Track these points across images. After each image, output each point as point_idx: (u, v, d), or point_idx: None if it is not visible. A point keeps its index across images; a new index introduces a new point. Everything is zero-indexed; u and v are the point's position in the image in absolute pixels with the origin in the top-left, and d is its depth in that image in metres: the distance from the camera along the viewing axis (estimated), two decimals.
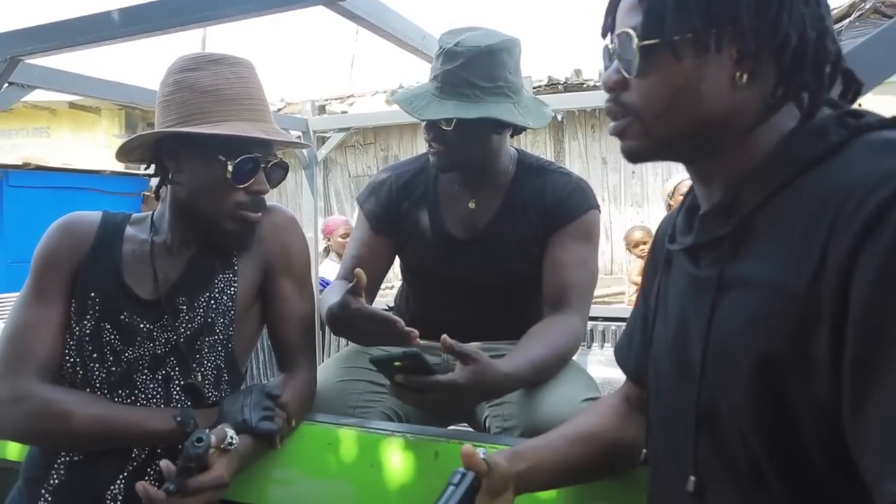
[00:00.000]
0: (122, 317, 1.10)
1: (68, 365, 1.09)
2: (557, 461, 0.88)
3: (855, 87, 0.69)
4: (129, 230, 1.18)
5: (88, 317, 1.10)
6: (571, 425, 0.95)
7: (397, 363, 1.05)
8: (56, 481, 1.05)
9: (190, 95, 1.07)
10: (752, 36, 0.63)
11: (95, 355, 1.08)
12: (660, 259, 0.85)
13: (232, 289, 1.17)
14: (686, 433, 0.70)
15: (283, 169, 1.17)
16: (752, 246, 0.65)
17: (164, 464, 0.95)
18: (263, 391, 1.10)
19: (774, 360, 0.59)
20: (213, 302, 1.15)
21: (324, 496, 1.15)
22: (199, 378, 1.14)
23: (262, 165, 1.11)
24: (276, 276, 1.22)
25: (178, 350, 1.11)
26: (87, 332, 1.09)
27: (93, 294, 1.10)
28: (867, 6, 4.48)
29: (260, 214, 1.15)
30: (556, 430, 0.94)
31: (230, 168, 1.07)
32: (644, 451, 0.84)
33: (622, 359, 0.96)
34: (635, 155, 0.73)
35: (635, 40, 0.67)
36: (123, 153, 1.14)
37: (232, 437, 1.00)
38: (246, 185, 1.10)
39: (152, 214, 1.20)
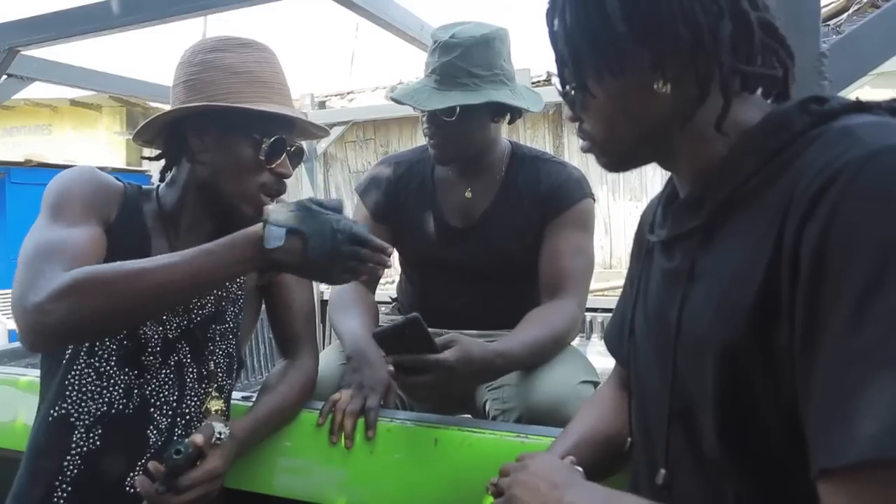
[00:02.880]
0: None
1: None
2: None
3: (782, 57, 0.67)
4: (145, 206, 1.14)
5: None
6: (583, 428, 0.92)
7: (400, 331, 1.06)
8: (74, 471, 1.02)
9: (221, 75, 1.06)
10: (644, 54, 0.65)
11: None
12: (643, 247, 0.86)
13: (241, 277, 1.17)
14: (660, 426, 0.71)
15: (300, 155, 1.17)
16: (722, 238, 0.66)
17: (153, 465, 0.95)
18: (349, 236, 0.98)
19: (739, 350, 0.60)
20: (223, 291, 1.16)
21: (324, 483, 1.15)
22: (213, 366, 1.15)
23: (287, 149, 1.11)
24: None
25: (190, 336, 1.11)
26: None
27: None
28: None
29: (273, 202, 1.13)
30: (570, 436, 0.92)
31: (265, 147, 1.07)
32: (629, 440, 0.84)
33: (613, 346, 0.95)
34: (607, 167, 0.78)
35: (559, 89, 0.75)
36: (144, 130, 1.09)
37: (220, 433, 1.00)
38: (273, 165, 1.09)
39: (157, 191, 1.16)
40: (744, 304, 0.59)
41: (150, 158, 1.17)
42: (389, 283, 4.42)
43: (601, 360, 2.42)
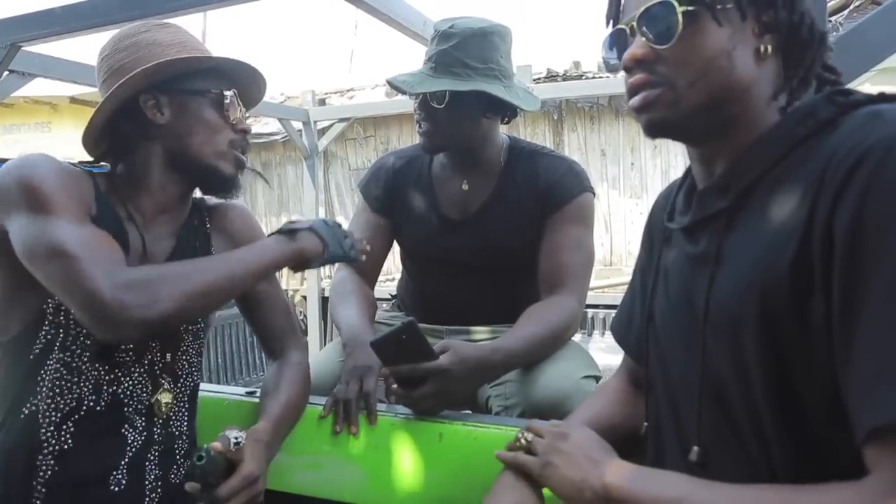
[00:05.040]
0: None
1: (48, 327, 1.01)
2: None
3: (834, 75, 0.74)
4: (110, 194, 1.08)
5: None
6: (586, 416, 0.92)
7: (397, 337, 1.07)
8: (48, 472, 0.99)
9: (157, 49, 1.06)
10: (781, 9, 0.68)
11: (83, 329, 1.01)
12: (657, 236, 0.87)
13: None
14: (690, 404, 0.72)
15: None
16: (748, 219, 0.68)
17: (189, 486, 0.94)
18: (337, 223, 1.20)
19: (772, 327, 0.62)
20: None
21: (328, 479, 1.15)
22: (186, 365, 1.14)
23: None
24: None
25: (161, 334, 1.09)
26: None
27: None
28: None
29: (246, 159, 1.16)
30: (575, 421, 0.91)
31: (227, 101, 1.09)
32: (645, 424, 0.85)
33: (622, 337, 0.96)
34: (660, 126, 0.73)
35: (678, 7, 0.68)
36: (94, 123, 1.06)
37: (237, 438, 0.99)
38: (234, 121, 1.11)
39: (112, 177, 1.11)
40: (777, 280, 0.61)
41: (95, 162, 1.13)
42: (389, 281, 4.41)
43: (603, 355, 2.43)
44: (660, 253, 0.84)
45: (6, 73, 1.78)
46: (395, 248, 1.65)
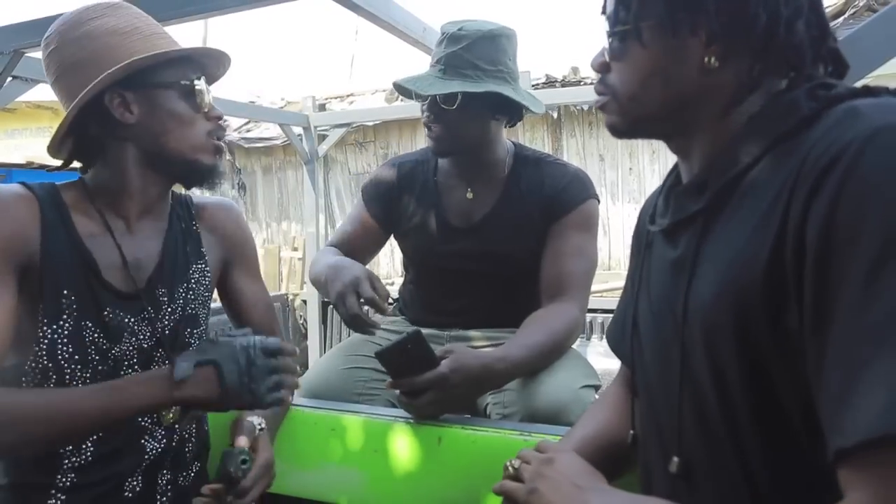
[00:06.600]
0: (106, 313, 1.01)
1: (36, 371, 0.97)
2: None
3: (840, 69, 0.69)
4: (72, 208, 1.02)
5: (65, 317, 0.98)
6: (586, 431, 0.91)
7: (402, 347, 1.08)
8: (68, 483, 0.99)
9: (114, 39, 0.98)
10: (719, 19, 0.64)
11: (77, 357, 0.98)
12: (642, 240, 0.85)
13: (206, 279, 1.16)
14: (670, 414, 0.70)
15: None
16: (726, 221, 0.65)
17: (207, 489, 1.00)
18: (262, 349, 0.96)
19: (748, 333, 0.59)
20: (191, 293, 1.13)
21: (328, 482, 1.16)
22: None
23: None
24: (236, 267, 1.23)
25: (164, 343, 1.07)
26: (65, 333, 0.98)
27: (66, 292, 0.98)
28: (861, 3, 4.47)
29: (223, 144, 1.09)
30: (573, 439, 0.90)
31: (197, 86, 1.02)
32: (632, 432, 0.83)
33: (616, 345, 0.95)
34: (615, 130, 0.76)
35: (609, 28, 0.70)
36: (60, 130, 0.99)
37: (259, 424, 1.03)
38: (207, 110, 1.05)
39: (83, 184, 1.05)
40: (751, 287, 0.59)
41: (62, 167, 1.07)
42: (389, 285, 4.39)
43: (601, 360, 2.43)
44: (643, 258, 0.83)
45: (9, 78, 1.79)
46: (397, 251, 1.66)
